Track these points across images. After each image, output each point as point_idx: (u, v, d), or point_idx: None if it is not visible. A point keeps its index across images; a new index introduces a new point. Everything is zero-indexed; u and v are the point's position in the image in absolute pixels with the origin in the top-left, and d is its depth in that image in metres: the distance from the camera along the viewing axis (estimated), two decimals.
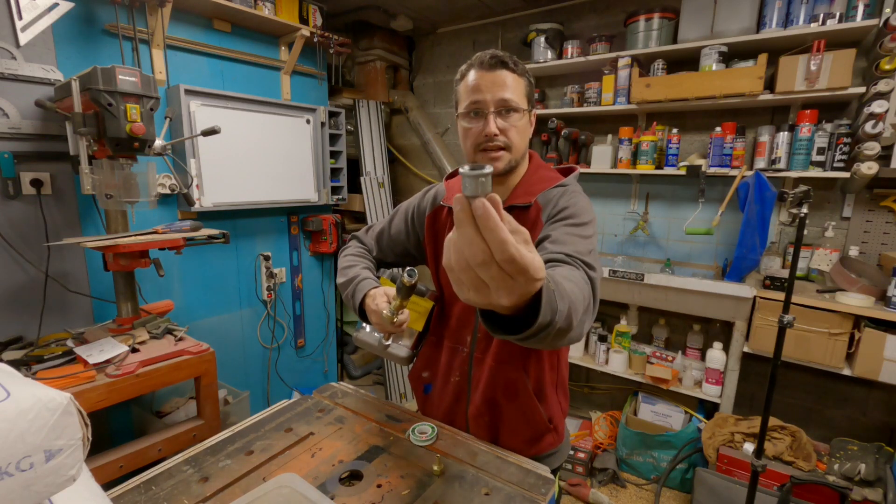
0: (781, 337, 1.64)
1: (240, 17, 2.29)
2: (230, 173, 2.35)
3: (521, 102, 0.97)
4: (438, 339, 1.16)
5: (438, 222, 1.13)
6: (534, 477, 0.95)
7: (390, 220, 1.22)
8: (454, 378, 1.13)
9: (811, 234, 2.31)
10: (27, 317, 1.70)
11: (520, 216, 1.01)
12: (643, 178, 2.70)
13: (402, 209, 1.21)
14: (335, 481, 0.94)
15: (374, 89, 3.37)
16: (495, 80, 0.95)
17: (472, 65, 0.98)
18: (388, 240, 1.22)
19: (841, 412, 2.34)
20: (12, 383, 0.55)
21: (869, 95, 1.94)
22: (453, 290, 1.04)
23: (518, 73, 0.97)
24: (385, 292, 1.03)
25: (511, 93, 0.95)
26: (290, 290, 2.86)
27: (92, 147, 1.55)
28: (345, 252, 1.24)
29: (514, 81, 0.96)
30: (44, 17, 1.66)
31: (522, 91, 0.98)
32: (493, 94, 0.95)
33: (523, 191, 1.04)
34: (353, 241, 1.28)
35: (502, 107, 0.95)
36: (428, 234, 1.14)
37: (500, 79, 0.95)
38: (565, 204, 0.98)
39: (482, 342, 1.08)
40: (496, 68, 0.95)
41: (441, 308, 1.16)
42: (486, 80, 0.95)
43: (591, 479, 2.45)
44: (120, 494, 0.88)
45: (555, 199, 1.00)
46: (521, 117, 0.97)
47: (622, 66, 2.43)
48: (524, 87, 0.98)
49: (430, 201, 1.16)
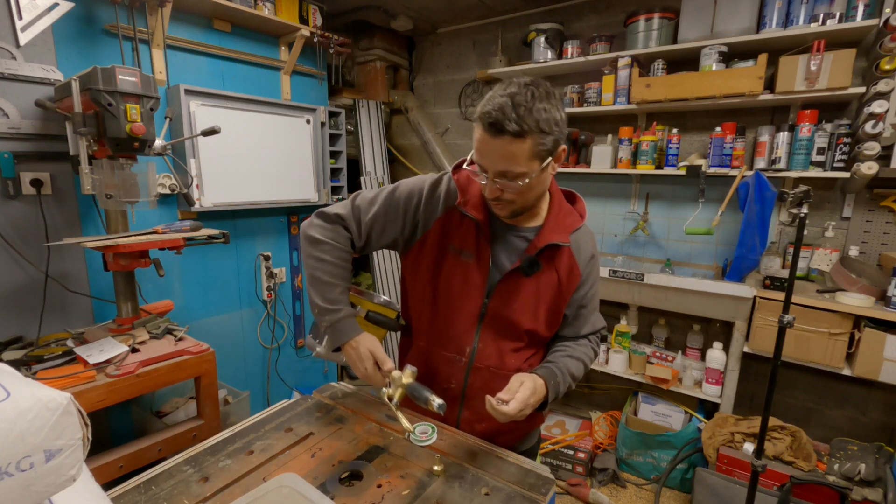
0: (781, 337, 1.64)
1: (240, 17, 2.29)
2: (230, 173, 2.35)
3: (523, 168, 0.89)
4: (428, 347, 1.13)
5: (450, 224, 1.07)
6: (534, 477, 0.95)
7: (385, 205, 1.08)
8: (450, 385, 1.11)
9: (811, 234, 2.31)
10: (27, 317, 1.70)
11: (555, 253, 1.04)
12: (643, 178, 2.70)
13: (402, 198, 1.08)
14: (335, 481, 0.94)
15: (374, 89, 3.37)
16: (494, 149, 0.88)
17: (477, 115, 0.90)
18: (381, 228, 1.09)
19: (841, 412, 2.34)
20: (12, 383, 0.55)
21: (869, 95, 1.94)
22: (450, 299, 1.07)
23: (525, 132, 0.85)
24: (372, 351, 1.02)
25: (511, 163, 0.89)
26: (290, 289, 2.86)
27: (92, 147, 1.55)
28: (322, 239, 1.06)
29: (516, 148, 0.87)
30: (44, 17, 1.66)
31: (527, 154, 0.88)
32: (492, 163, 0.91)
33: (557, 227, 1.05)
34: (334, 224, 1.08)
35: (501, 176, 0.91)
36: (435, 236, 1.07)
37: (500, 148, 0.88)
38: (595, 263, 1.11)
39: (482, 352, 1.08)
40: (497, 135, 0.86)
41: (433, 317, 1.12)
42: (487, 146, 0.89)
43: (591, 479, 2.45)
44: (120, 494, 0.88)
45: (587, 251, 1.09)
46: (524, 179, 0.91)
47: (622, 66, 2.43)
48: (529, 148, 0.87)
49: (442, 200, 1.07)
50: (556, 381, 1.01)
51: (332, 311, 1.04)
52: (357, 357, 1.02)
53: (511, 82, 0.89)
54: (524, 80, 0.89)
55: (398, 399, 0.97)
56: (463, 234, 1.05)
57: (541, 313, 1.06)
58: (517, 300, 1.04)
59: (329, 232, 1.07)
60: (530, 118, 0.85)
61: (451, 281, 1.07)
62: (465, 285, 1.05)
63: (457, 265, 1.06)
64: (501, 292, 1.04)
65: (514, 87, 0.87)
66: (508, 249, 1.05)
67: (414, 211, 1.08)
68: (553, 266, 1.04)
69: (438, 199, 1.07)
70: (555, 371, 1.03)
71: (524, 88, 0.87)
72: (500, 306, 1.05)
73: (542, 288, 1.04)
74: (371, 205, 1.09)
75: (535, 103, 0.86)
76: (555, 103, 0.89)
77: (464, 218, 1.05)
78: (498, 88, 0.89)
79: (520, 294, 1.04)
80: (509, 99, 0.85)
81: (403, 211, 1.08)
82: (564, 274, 1.04)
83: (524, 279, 1.03)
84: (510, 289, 1.04)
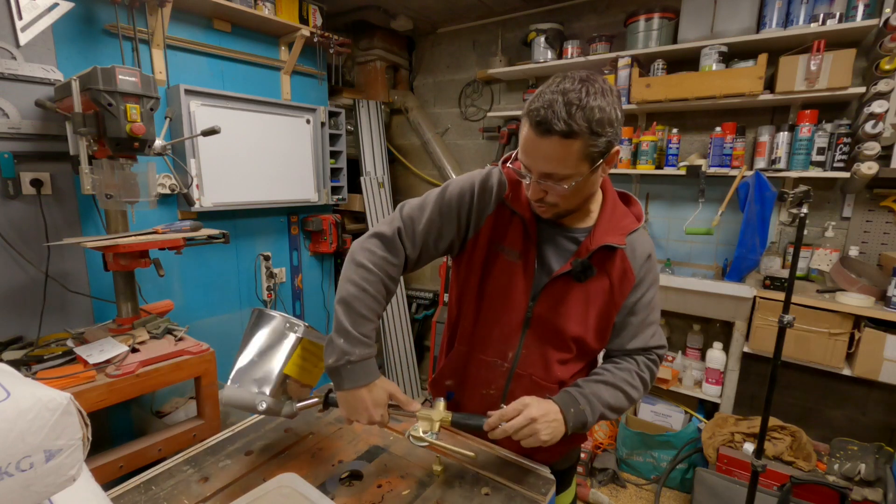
0: (781, 337, 1.64)
1: (240, 17, 2.29)
2: (230, 173, 2.35)
3: (570, 170, 0.84)
4: (469, 351, 1.08)
5: (501, 221, 1.00)
6: (534, 477, 0.95)
7: (437, 207, 1.00)
8: (489, 391, 1.07)
9: (811, 234, 2.31)
10: (27, 317, 1.70)
11: (607, 256, 0.97)
12: (643, 177, 2.70)
13: (454, 197, 1.00)
14: (335, 481, 0.94)
15: (374, 89, 3.37)
16: (540, 149, 0.83)
17: (528, 115, 0.83)
18: (437, 234, 1.01)
19: (841, 412, 2.34)
20: (12, 383, 0.55)
21: (869, 95, 1.94)
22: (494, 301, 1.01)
23: (575, 132, 0.79)
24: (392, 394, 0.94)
25: (556, 165, 0.83)
26: (290, 290, 2.86)
27: (92, 147, 1.55)
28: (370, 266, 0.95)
29: (564, 149, 0.81)
30: (44, 17, 1.65)
31: (576, 153, 0.82)
32: (536, 165, 0.86)
33: (610, 229, 0.97)
34: (388, 245, 0.98)
35: (546, 178, 0.86)
36: (486, 234, 1.01)
37: (547, 149, 0.82)
38: (653, 266, 1.03)
39: (526, 359, 1.02)
40: (544, 135, 0.80)
41: (475, 320, 1.06)
42: (533, 145, 0.84)
43: (591, 479, 2.45)
44: (120, 494, 0.88)
45: (643, 251, 1.01)
46: (570, 182, 0.85)
47: (622, 66, 2.43)
48: (579, 149, 0.81)
49: (494, 195, 1.00)
50: (578, 409, 0.92)
51: (362, 345, 0.92)
52: (371, 402, 0.92)
53: (566, 76, 0.82)
54: (580, 75, 0.82)
55: (437, 432, 0.91)
56: (511, 233, 0.99)
57: (590, 320, 0.99)
58: (565, 305, 0.98)
59: (379, 259, 0.96)
60: (582, 118, 0.78)
61: (496, 282, 1.01)
62: (510, 288, 1.00)
63: (503, 266, 1.00)
64: (548, 296, 0.98)
65: (567, 83, 0.80)
66: (557, 250, 0.99)
67: (468, 209, 1.00)
68: (605, 270, 0.97)
69: (490, 194, 1.00)
70: (576, 397, 0.94)
71: (579, 84, 0.80)
72: (546, 311, 0.99)
73: (592, 293, 0.98)
74: (422, 211, 1.00)
75: (590, 101, 0.79)
76: (611, 101, 0.82)
77: (513, 215, 0.99)
78: (550, 83, 0.83)
79: (568, 299, 0.98)
80: (561, 96, 0.79)
81: (457, 210, 1.00)
82: (617, 278, 0.97)
83: (573, 283, 0.97)
84: (558, 293, 0.98)
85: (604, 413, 0.96)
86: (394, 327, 3.27)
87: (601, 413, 0.95)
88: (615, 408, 0.97)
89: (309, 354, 1.01)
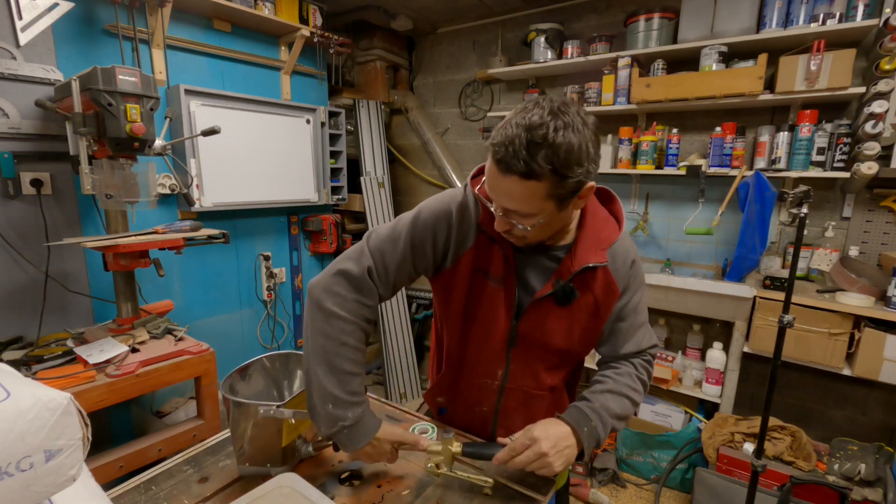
0: (781, 337, 1.64)
1: (240, 17, 2.29)
2: (230, 173, 2.35)
3: (533, 210, 0.78)
4: (458, 374, 1.08)
5: (482, 246, 0.95)
6: (534, 477, 0.95)
7: (411, 238, 0.94)
8: (482, 408, 1.08)
9: (811, 234, 2.31)
10: (27, 317, 1.70)
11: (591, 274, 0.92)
12: (643, 178, 2.70)
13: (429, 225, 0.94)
14: (335, 481, 0.94)
15: (374, 89, 3.37)
16: (500, 186, 0.78)
17: (491, 148, 0.77)
18: (410, 267, 0.96)
19: (841, 412, 2.34)
20: (12, 383, 0.55)
21: (869, 95, 1.94)
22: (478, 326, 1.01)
23: (535, 172, 0.73)
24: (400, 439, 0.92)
25: (518, 204, 0.78)
26: (290, 290, 2.86)
27: (92, 147, 1.55)
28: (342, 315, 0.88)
29: (525, 190, 0.75)
30: (44, 17, 1.65)
31: (540, 193, 0.76)
32: (499, 200, 0.81)
33: (591, 245, 0.92)
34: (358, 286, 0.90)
35: (508, 214, 0.82)
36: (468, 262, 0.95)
37: (508, 187, 0.77)
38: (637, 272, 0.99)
39: (514, 374, 1.02)
40: (505, 173, 0.75)
41: (462, 345, 1.05)
42: (495, 181, 0.79)
43: (591, 479, 2.45)
44: (120, 494, 0.88)
45: (625, 260, 0.96)
46: (535, 221, 0.81)
47: (622, 66, 2.43)
48: (544, 189, 0.75)
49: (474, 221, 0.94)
50: (591, 428, 0.90)
51: (354, 406, 0.87)
52: (377, 454, 0.91)
53: (536, 104, 0.75)
54: (550, 105, 0.74)
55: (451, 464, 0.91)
56: (494, 259, 0.95)
57: (575, 335, 0.98)
58: (548, 324, 0.96)
59: (352, 304, 0.89)
60: (545, 159, 0.71)
61: (480, 308, 0.98)
62: (493, 312, 0.97)
63: (485, 291, 0.97)
64: (530, 317, 0.96)
65: (535, 115, 0.73)
66: (538, 270, 0.95)
67: (445, 238, 0.95)
68: (588, 287, 0.93)
69: (470, 224, 0.94)
70: (587, 414, 0.91)
71: (548, 117, 0.72)
72: (529, 330, 0.97)
73: (576, 311, 0.95)
74: (394, 245, 0.93)
75: (556, 138, 0.71)
76: (584, 135, 0.74)
77: (492, 242, 0.94)
78: (518, 112, 0.75)
79: (551, 318, 0.96)
80: (525, 131, 0.71)
81: (433, 241, 0.94)
82: (601, 294, 0.94)
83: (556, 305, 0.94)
84: (541, 313, 0.95)
85: (614, 425, 0.94)
86: (394, 327, 3.27)
87: (612, 426, 0.94)
88: (622, 417, 0.95)
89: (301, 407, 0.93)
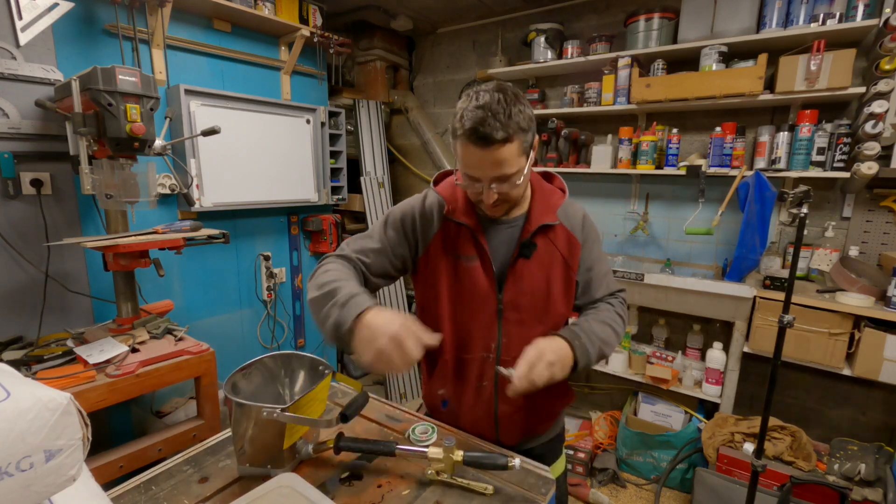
0: (781, 337, 1.64)
1: (240, 17, 2.29)
2: (230, 173, 2.35)
3: (515, 168, 0.93)
4: (455, 356, 1.12)
5: (448, 235, 1.09)
6: (534, 477, 0.95)
7: (378, 234, 1.10)
8: (482, 384, 1.11)
9: (811, 234, 2.31)
10: (27, 317, 1.70)
11: (549, 232, 1.07)
12: (643, 178, 2.70)
13: (398, 221, 1.10)
14: (335, 481, 0.94)
15: (374, 89, 3.37)
16: (486, 159, 0.91)
17: (460, 132, 0.90)
18: (375, 256, 1.08)
19: (841, 412, 2.34)
20: (12, 383, 0.55)
21: (869, 95, 1.94)
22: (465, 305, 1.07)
23: (511, 134, 0.89)
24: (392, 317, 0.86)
25: (505, 167, 0.92)
26: (290, 290, 2.86)
27: (92, 147, 1.55)
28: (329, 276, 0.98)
29: (506, 152, 0.90)
30: (44, 17, 1.66)
31: (516, 151, 0.92)
32: (486, 173, 0.94)
33: (543, 209, 1.08)
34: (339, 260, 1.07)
35: (498, 181, 0.95)
36: (437, 250, 1.09)
37: (493, 157, 0.90)
38: (590, 225, 1.13)
39: (509, 344, 1.07)
40: (488, 147, 0.89)
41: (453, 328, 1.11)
42: (478, 158, 0.91)
43: (591, 479, 2.45)
44: (120, 494, 0.88)
45: (577, 216, 1.11)
46: (519, 177, 0.95)
47: (622, 66, 2.43)
48: (517, 148, 0.92)
49: (436, 214, 1.08)
50: (581, 343, 1.00)
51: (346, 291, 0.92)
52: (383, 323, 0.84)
53: (479, 92, 0.92)
54: (490, 87, 0.92)
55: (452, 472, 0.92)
56: (462, 242, 1.08)
57: (555, 291, 1.08)
58: (528, 285, 1.07)
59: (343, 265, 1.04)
60: (511, 122, 0.89)
61: (462, 286, 1.09)
62: (476, 288, 1.07)
63: (463, 272, 1.08)
64: (511, 284, 1.06)
65: (486, 96, 0.90)
66: (505, 242, 1.08)
67: (412, 230, 1.10)
68: (553, 245, 1.08)
69: (432, 213, 1.10)
70: (577, 332, 1.02)
71: (495, 95, 0.89)
72: (514, 297, 1.07)
73: (550, 268, 1.07)
74: (370, 237, 1.11)
75: (511, 107, 0.89)
76: (524, 101, 0.93)
77: (459, 226, 1.08)
78: (467, 101, 0.91)
79: (529, 279, 1.06)
80: (486, 110, 0.88)
81: (403, 230, 1.10)
82: (564, 248, 1.08)
83: (530, 265, 1.06)
84: (518, 277, 1.06)
85: (601, 348, 1.04)
86: None
87: (599, 347, 1.03)
88: (606, 342, 1.06)
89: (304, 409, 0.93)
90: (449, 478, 0.92)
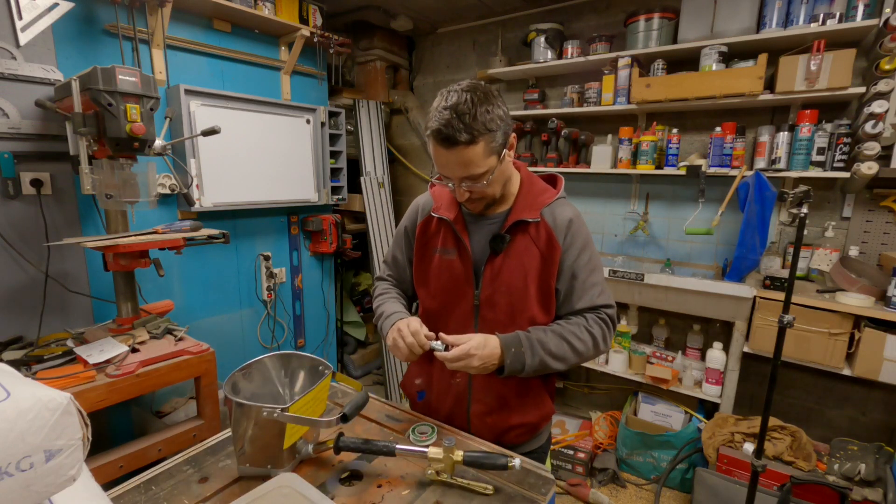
0: (781, 337, 1.64)
1: (240, 17, 2.29)
2: (230, 173, 2.35)
3: (482, 168, 0.95)
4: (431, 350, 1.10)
5: (429, 230, 1.16)
6: (534, 477, 0.95)
7: (391, 249, 1.28)
8: (456, 380, 1.14)
9: (811, 234, 2.31)
10: (27, 317, 1.70)
11: (527, 229, 1.06)
12: (643, 178, 2.70)
13: (399, 233, 1.25)
14: (335, 481, 0.94)
15: (374, 89, 3.37)
16: (450, 160, 0.94)
17: (428, 133, 0.95)
18: (395, 270, 1.28)
19: (841, 412, 2.34)
20: (12, 383, 0.55)
21: (869, 95, 1.94)
22: (444, 297, 1.11)
23: (475, 136, 0.91)
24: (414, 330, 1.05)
25: (471, 168, 0.94)
26: (290, 290, 2.86)
27: (92, 147, 1.55)
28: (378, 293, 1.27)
29: (471, 154, 0.92)
30: (44, 17, 1.65)
31: (482, 152, 0.93)
32: (454, 173, 0.97)
33: (526, 205, 1.08)
34: (377, 281, 1.32)
35: (467, 181, 0.98)
36: (418, 242, 1.17)
37: (458, 158, 0.93)
38: (577, 230, 1.08)
39: None
40: (451, 147, 0.92)
41: (434, 319, 1.16)
42: (445, 159, 0.95)
43: (590, 479, 2.45)
44: (120, 494, 0.88)
45: (563, 218, 1.07)
46: (488, 177, 0.97)
47: (622, 66, 2.43)
48: (483, 148, 0.93)
49: (420, 210, 1.20)
50: (519, 351, 1.00)
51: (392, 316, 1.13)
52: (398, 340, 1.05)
53: (451, 91, 0.93)
54: (461, 87, 0.93)
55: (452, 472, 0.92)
56: (442, 236, 1.12)
57: (531, 292, 1.07)
58: (504, 283, 1.07)
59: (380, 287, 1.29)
60: (477, 123, 0.90)
61: (440, 280, 1.13)
62: (454, 281, 1.11)
63: (445, 265, 1.12)
64: (488, 279, 1.08)
65: (454, 97, 0.91)
66: (486, 238, 1.09)
67: (412, 234, 1.20)
68: (534, 244, 1.06)
69: (416, 211, 1.20)
70: (521, 339, 1.02)
71: (464, 95, 0.91)
72: (491, 294, 1.08)
73: (527, 266, 1.06)
74: (389, 256, 1.29)
75: (477, 108, 0.90)
76: (495, 101, 0.94)
77: (441, 221, 1.13)
78: (439, 100, 0.94)
79: (505, 276, 1.06)
80: (452, 111, 0.90)
81: (406, 241, 1.23)
82: (545, 247, 1.06)
83: (508, 262, 1.06)
84: (495, 273, 1.07)
85: (544, 360, 1.02)
86: None
87: (541, 359, 1.01)
88: (557, 356, 1.03)
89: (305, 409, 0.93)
90: (449, 478, 0.92)
